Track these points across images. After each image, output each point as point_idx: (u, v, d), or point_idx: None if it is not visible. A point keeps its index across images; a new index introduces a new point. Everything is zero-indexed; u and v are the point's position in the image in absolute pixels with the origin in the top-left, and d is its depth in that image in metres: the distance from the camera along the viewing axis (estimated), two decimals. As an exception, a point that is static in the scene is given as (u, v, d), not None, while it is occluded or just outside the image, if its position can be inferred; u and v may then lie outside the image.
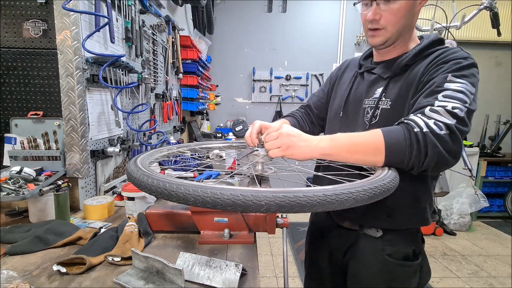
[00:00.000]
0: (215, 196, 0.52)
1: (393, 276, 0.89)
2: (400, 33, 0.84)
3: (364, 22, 0.86)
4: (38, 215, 0.99)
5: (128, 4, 1.43)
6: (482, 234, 3.47)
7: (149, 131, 1.77)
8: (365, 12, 0.84)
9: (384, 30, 0.82)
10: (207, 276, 0.66)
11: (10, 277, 0.63)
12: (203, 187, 0.53)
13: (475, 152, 3.68)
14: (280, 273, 2.55)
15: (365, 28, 0.87)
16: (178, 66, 2.40)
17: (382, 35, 0.83)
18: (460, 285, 2.42)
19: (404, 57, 0.84)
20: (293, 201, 0.50)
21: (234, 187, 0.54)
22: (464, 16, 2.15)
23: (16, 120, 1.14)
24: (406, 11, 0.80)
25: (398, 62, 0.85)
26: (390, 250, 0.89)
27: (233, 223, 0.86)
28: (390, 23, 0.81)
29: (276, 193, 0.51)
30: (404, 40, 0.87)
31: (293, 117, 1.16)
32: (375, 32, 0.84)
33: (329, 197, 0.52)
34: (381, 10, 0.80)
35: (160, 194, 0.57)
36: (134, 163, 0.73)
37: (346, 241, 0.99)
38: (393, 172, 0.69)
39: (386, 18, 0.80)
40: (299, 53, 4.30)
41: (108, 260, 0.73)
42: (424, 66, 0.80)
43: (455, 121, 0.68)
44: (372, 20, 0.82)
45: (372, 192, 0.57)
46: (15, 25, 1.13)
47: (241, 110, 4.44)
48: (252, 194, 0.51)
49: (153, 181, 0.59)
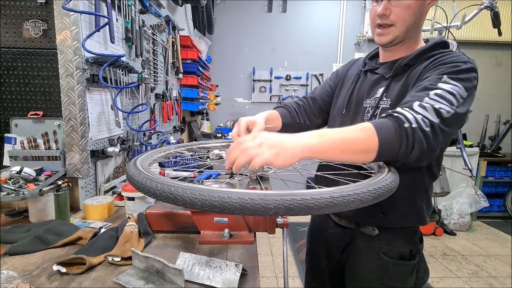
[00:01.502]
0: (223, 200, 0.51)
1: (389, 275, 0.89)
2: (408, 31, 0.83)
3: (374, 17, 0.85)
4: (38, 215, 0.99)
5: (128, 4, 1.43)
6: (482, 234, 3.47)
7: (149, 131, 1.77)
8: (375, 7, 0.83)
9: (393, 27, 0.82)
10: (207, 276, 0.66)
11: (10, 277, 0.63)
12: (210, 191, 0.52)
13: (475, 152, 3.68)
14: (280, 273, 2.55)
15: (373, 24, 0.86)
16: (178, 66, 2.40)
17: (391, 33, 0.83)
18: (460, 285, 2.42)
19: (406, 56, 0.85)
20: (301, 203, 0.50)
21: (242, 190, 0.53)
22: (465, 16, 2.15)
23: (16, 120, 1.14)
24: (417, 8, 0.80)
25: (400, 61, 0.86)
26: (386, 249, 0.90)
27: (233, 223, 0.86)
28: (400, 19, 0.80)
29: (284, 196, 0.51)
30: (411, 40, 0.87)
31: (285, 108, 1.10)
32: (384, 30, 0.83)
33: (336, 199, 0.52)
34: (392, 5, 0.80)
35: (166, 199, 0.55)
36: (134, 165, 0.72)
37: (344, 240, 0.99)
38: (393, 173, 0.69)
39: (396, 14, 0.80)
40: (299, 53, 4.29)
41: (108, 260, 0.73)
42: (424, 66, 0.81)
43: (439, 120, 0.68)
44: (382, 15, 0.81)
45: (376, 193, 0.57)
46: (15, 25, 1.13)
47: (241, 110, 4.44)
48: (261, 198, 0.50)
49: (157, 185, 0.56)
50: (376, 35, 0.86)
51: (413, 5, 0.79)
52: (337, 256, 1.03)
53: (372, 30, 0.89)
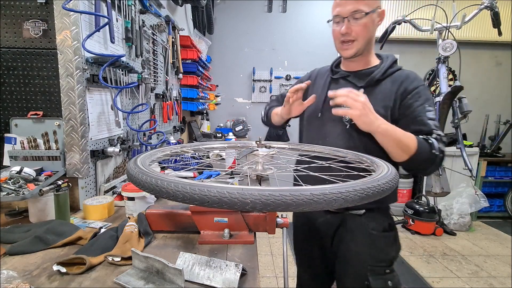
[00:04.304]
0: (202, 194, 0.53)
1: (378, 247, 1.05)
2: (367, 44, 1.04)
3: (337, 35, 1.04)
4: (38, 215, 0.99)
5: (128, 4, 1.43)
6: (482, 234, 3.47)
7: (149, 131, 1.77)
8: (337, 28, 1.03)
9: (356, 42, 1.02)
10: (207, 276, 0.66)
11: (10, 277, 0.63)
12: (192, 185, 0.55)
13: (475, 152, 3.68)
14: (280, 273, 2.55)
15: (338, 41, 1.06)
16: (178, 66, 2.40)
17: (354, 47, 1.03)
18: (460, 285, 2.42)
19: (377, 73, 1.05)
20: (278, 199, 0.51)
21: (221, 184, 0.54)
22: (465, 16, 2.15)
23: (16, 120, 1.14)
24: (371, 26, 1.01)
25: (372, 76, 1.05)
26: (373, 225, 1.06)
27: (233, 223, 0.86)
28: (360, 35, 1.00)
29: (262, 191, 0.51)
30: (368, 52, 1.07)
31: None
32: (348, 45, 1.03)
33: (316, 196, 0.52)
34: (352, 25, 0.99)
35: (152, 191, 0.59)
36: (134, 163, 0.72)
37: (333, 225, 1.12)
38: (391, 174, 0.67)
39: (356, 31, 1.00)
40: (299, 53, 4.30)
41: (108, 260, 0.73)
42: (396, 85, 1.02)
43: (444, 147, 0.96)
44: (345, 33, 1.01)
45: (364, 193, 0.56)
46: (15, 25, 1.13)
47: (241, 110, 4.44)
48: (239, 192, 0.52)
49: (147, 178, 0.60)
50: (342, 50, 1.06)
51: (368, 23, 1.00)
52: (328, 242, 1.15)
53: (337, 46, 1.08)
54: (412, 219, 3.35)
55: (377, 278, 1.02)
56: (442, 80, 2.21)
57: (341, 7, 1.00)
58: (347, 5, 0.98)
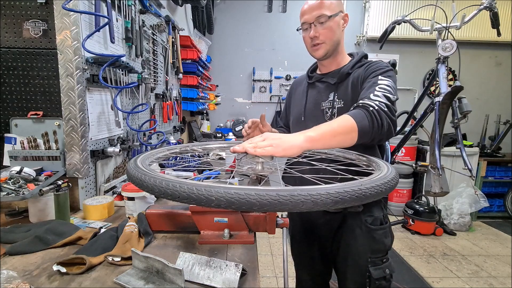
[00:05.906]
0: (174, 189, 0.55)
1: (375, 240, 1.10)
2: (335, 45, 1.11)
3: (308, 40, 1.12)
4: (38, 215, 0.99)
5: (128, 4, 1.43)
6: (482, 234, 3.47)
7: (149, 131, 1.77)
8: (306, 34, 1.11)
9: (324, 44, 1.10)
10: (207, 276, 0.66)
11: (10, 277, 0.63)
12: (167, 180, 0.57)
13: (475, 152, 3.68)
14: (280, 273, 2.55)
15: (309, 45, 1.13)
16: (178, 66, 2.40)
17: (323, 48, 1.10)
18: (460, 285, 2.42)
19: (345, 68, 1.12)
20: (243, 199, 0.51)
21: (192, 181, 0.56)
22: (464, 16, 2.15)
23: (16, 120, 1.14)
24: (336, 28, 1.09)
25: (342, 71, 1.12)
26: (370, 219, 1.10)
27: (233, 223, 0.86)
28: (327, 38, 1.09)
29: (227, 189, 0.52)
30: (338, 53, 1.15)
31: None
32: (317, 46, 1.10)
33: (283, 197, 0.51)
34: (319, 29, 1.08)
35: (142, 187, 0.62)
36: (134, 162, 0.73)
37: (333, 225, 1.16)
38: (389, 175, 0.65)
39: (324, 34, 1.08)
40: (299, 53, 4.29)
41: (108, 260, 0.73)
42: (361, 72, 1.07)
43: (390, 103, 0.93)
44: (314, 37, 1.09)
45: (338, 197, 0.53)
46: (15, 25, 1.13)
47: (241, 110, 4.44)
48: (206, 189, 0.53)
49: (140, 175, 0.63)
50: (313, 51, 1.13)
51: (333, 26, 1.08)
52: (328, 242, 1.20)
53: (309, 50, 1.15)
54: (412, 219, 3.35)
55: (377, 268, 1.08)
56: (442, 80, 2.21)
57: (307, 14, 1.09)
58: (312, 11, 1.07)
